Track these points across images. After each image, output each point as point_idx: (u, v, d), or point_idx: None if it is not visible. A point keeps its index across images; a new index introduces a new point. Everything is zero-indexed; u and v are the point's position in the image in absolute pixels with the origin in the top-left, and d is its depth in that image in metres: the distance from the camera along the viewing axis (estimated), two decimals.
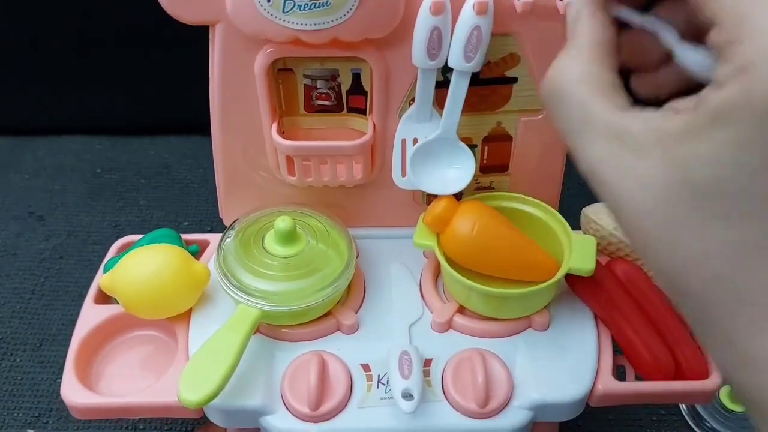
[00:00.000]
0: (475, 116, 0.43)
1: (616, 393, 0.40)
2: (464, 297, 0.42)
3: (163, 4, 0.38)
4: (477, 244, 0.41)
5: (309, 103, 0.43)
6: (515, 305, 0.41)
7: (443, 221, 0.41)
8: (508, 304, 0.41)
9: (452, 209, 0.41)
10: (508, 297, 0.40)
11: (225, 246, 0.42)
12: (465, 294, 0.42)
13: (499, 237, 0.41)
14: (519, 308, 0.42)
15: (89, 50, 0.74)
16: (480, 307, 0.42)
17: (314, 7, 0.37)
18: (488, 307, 0.42)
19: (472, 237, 0.40)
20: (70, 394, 0.39)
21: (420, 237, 0.42)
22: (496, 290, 0.40)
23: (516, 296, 0.40)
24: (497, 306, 0.41)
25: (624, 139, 0.24)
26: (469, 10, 0.37)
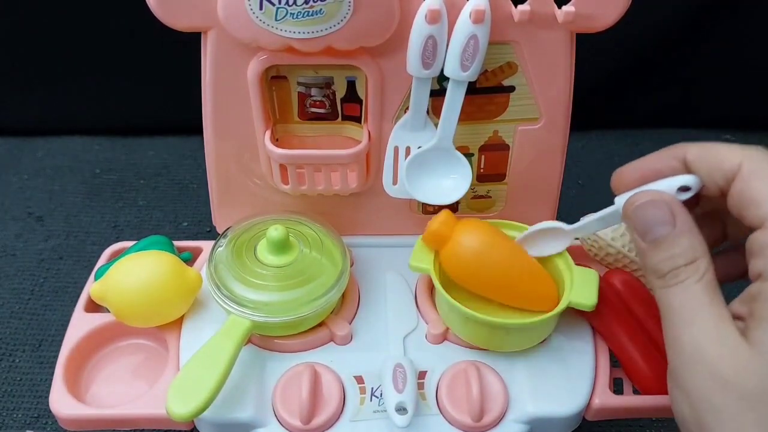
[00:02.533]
0: (472, 125, 0.43)
1: (613, 407, 0.40)
2: (453, 320, 0.41)
3: (154, 11, 0.38)
4: (481, 259, 0.39)
5: (303, 111, 0.43)
6: (509, 338, 0.40)
7: (442, 237, 0.40)
8: (499, 335, 0.40)
9: (451, 224, 0.40)
10: (500, 327, 0.39)
11: (216, 255, 0.41)
12: (456, 319, 0.41)
13: (504, 255, 0.40)
14: (513, 341, 0.40)
15: (89, 50, 0.74)
16: (470, 336, 0.41)
17: (307, 15, 0.36)
18: (478, 335, 0.40)
19: (477, 252, 0.39)
20: (59, 405, 0.39)
21: (416, 260, 0.41)
22: (493, 319, 0.38)
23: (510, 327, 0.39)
24: (488, 336, 0.40)
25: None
26: (466, 19, 0.37)
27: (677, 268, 0.30)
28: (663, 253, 0.31)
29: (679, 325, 0.30)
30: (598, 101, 0.77)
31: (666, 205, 0.31)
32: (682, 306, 0.30)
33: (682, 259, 0.30)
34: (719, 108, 0.80)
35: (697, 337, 0.29)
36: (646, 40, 0.74)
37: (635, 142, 0.81)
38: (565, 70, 0.41)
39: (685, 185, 0.32)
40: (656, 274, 0.31)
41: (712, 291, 0.30)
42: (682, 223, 0.31)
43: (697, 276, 0.30)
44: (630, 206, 0.32)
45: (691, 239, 0.30)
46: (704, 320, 0.29)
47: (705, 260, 0.30)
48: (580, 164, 0.77)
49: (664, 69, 0.77)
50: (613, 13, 0.38)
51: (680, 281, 0.30)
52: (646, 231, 0.31)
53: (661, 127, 0.82)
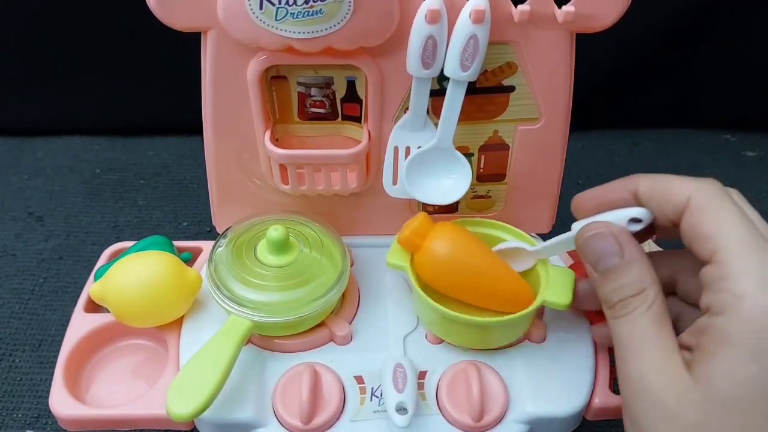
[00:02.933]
0: (472, 125, 0.43)
1: (613, 407, 0.40)
2: (429, 320, 0.41)
3: (154, 10, 0.38)
4: (451, 266, 0.39)
5: (303, 111, 0.43)
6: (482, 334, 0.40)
7: (418, 239, 0.40)
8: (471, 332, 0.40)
9: (427, 227, 0.40)
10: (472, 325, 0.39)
11: (216, 255, 0.41)
12: (431, 318, 0.41)
13: (475, 260, 0.40)
14: (487, 339, 0.40)
15: (89, 50, 0.73)
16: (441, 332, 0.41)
17: (307, 15, 0.36)
18: (448, 331, 0.41)
19: (447, 258, 0.39)
20: (59, 405, 0.39)
21: (393, 257, 0.41)
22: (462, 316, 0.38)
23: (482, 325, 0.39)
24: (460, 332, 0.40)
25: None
26: (466, 19, 0.37)
27: (625, 299, 0.31)
28: (612, 283, 0.31)
29: (626, 357, 0.30)
30: (598, 101, 0.77)
31: (613, 237, 0.32)
32: (629, 337, 0.30)
33: (630, 289, 0.31)
34: (719, 108, 0.80)
35: (643, 368, 0.29)
36: (646, 40, 0.74)
37: (635, 142, 0.81)
38: (565, 70, 0.41)
39: (635, 217, 0.33)
40: (607, 304, 0.32)
41: (659, 321, 0.30)
42: (629, 253, 0.31)
43: (645, 306, 0.30)
44: (580, 237, 0.33)
45: (639, 269, 0.31)
46: (650, 351, 0.30)
47: (653, 290, 0.31)
48: (580, 164, 0.77)
49: (664, 69, 0.77)
50: (613, 13, 0.38)
51: (628, 312, 0.31)
52: (597, 261, 0.32)
53: (661, 127, 0.82)
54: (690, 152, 0.80)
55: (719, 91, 0.78)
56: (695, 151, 0.80)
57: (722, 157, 0.79)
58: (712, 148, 0.80)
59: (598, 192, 0.35)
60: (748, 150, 0.80)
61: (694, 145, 0.81)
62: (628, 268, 0.31)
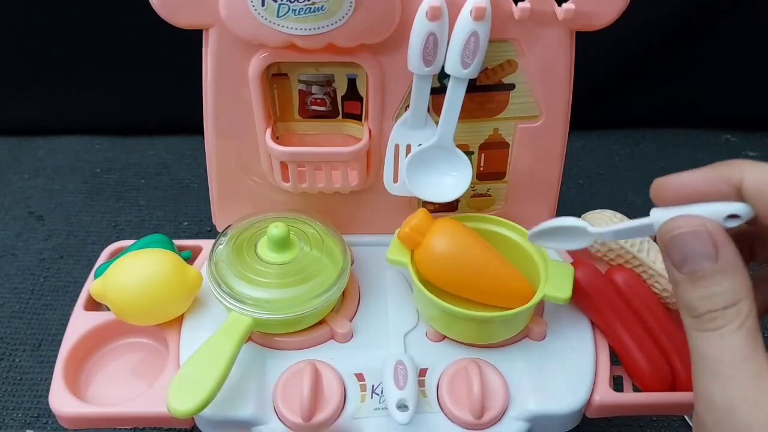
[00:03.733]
0: (472, 123, 0.43)
1: (613, 404, 0.40)
2: (430, 315, 0.41)
3: (156, 8, 0.38)
4: (451, 262, 0.39)
5: (304, 109, 0.43)
6: (483, 329, 0.40)
7: (418, 235, 0.40)
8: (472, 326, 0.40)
9: (428, 224, 0.40)
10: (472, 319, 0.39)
11: (217, 252, 0.41)
12: (432, 313, 0.41)
13: (475, 256, 0.40)
14: (488, 333, 0.40)
15: (89, 50, 0.74)
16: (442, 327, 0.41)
17: (309, 12, 0.36)
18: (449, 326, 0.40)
19: (447, 255, 0.39)
20: (59, 403, 0.39)
21: (393, 253, 0.41)
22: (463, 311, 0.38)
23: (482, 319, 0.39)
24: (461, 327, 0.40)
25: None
26: (467, 16, 0.37)
27: (715, 311, 0.27)
28: (701, 290, 0.27)
29: (711, 378, 0.27)
30: (598, 101, 0.77)
31: (710, 237, 0.27)
32: (717, 357, 0.26)
33: (722, 300, 0.27)
34: (719, 108, 0.80)
35: (732, 395, 0.26)
36: (646, 40, 0.74)
37: (635, 142, 0.81)
38: (565, 68, 0.41)
39: (733, 213, 0.28)
40: (690, 312, 0.28)
41: (752, 341, 0.26)
42: (726, 258, 0.27)
43: (738, 322, 0.26)
44: (668, 232, 0.28)
45: (734, 278, 0.27)
46: (741, 377, 0.26)
47: (747, 303, 0.27)
48: (580, 164, 0.77)
49: (664, 69, 0.77)
50: (613, 11, 0.38)
51: (717, 327, 0.27)
52: (684, 262, 0.28)
53: (661, 127, 0.82)
54: (690, 152, 0.80)
55: (719, 91, 0.78)
56: (695, 151, 0.80)
57: (722, 157, 0.78)
58: (712, 148, 0.81)
59: (690, 179, 0.30)
60: (748, 150, 0.80)
61: (694, 145, 0.81)
62: (723, 274, 0.27)
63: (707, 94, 0.78)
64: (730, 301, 0.27)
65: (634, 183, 0.74)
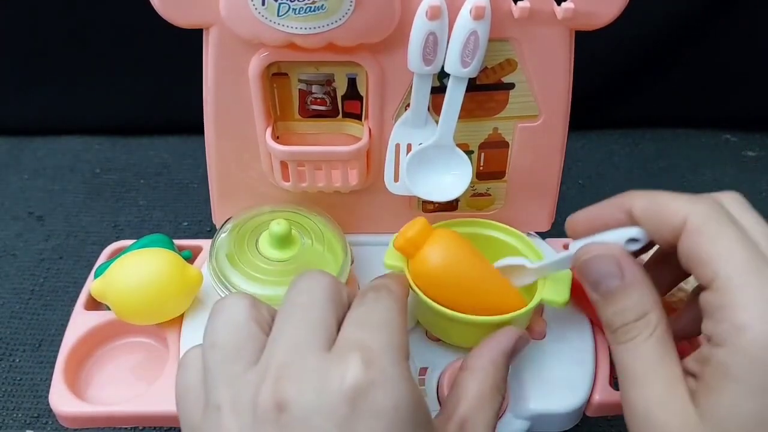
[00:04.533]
0: (472, 122, 0.43)
1: (613, 403, 0.39)
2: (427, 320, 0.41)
3: (156, 6, 0.38)
4: (443, 278, 0.38)
5: (304, 108, 0.43)
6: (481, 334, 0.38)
7: (414, 247, 0.38)
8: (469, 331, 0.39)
9: (424, 236, 0.38)
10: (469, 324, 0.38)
11: (218, 249, 0.42)
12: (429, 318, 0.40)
13: (468, 273, 0.38)
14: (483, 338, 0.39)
15: (88, 50, 0.74)
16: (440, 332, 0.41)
17: (309, 11, 0.36)
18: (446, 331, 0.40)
19: (439, 271, 0.38)
20: (59, 402, 0.38)
21: (390, 258, 0.40)
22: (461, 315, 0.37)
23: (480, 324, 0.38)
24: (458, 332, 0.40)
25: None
26: (466, 15, 0.37)
27: (627, 324, 0.30)
28: (613, 306, 0.31)
29: (630, 387, 0.29)
30: (598, 101, 0.77)
31: (613, 259, 0.31)
32: (632, 365, 0.30)
33: (632, 313, 0.30)
34: (719, 108, 0.80)
35: (646, 400, 0.29)
36: (646, 40, 0.74)
37: (635, 142, 0.81)
38: (565, 68, 0.41)
39: (633, 237, 0.32)
40: (609, 327, 0.31)
41: (662, 348, 0.29)
42: (630, 275, 0.31)
43: (647, 332, 0.29)
44: (578, 259, 0.33)
45: (640, 292, 0.30)
46: (654, 383, 0.29)
47: (655, 313, 0.30)
48: (580, 164, 0.77)
49: (664, 68, 0.77)
50: (613, 11, 0.38)
51: (630, 338, 0.30)
52: (597, 283, 0.31)
53: (661, 127, 0.82)
54: (690, 152, 0.80)
55: (719, 91, 0.78)
56: (695, 151, 0.80)
57: (722, 157, 0.79)
58: (712, 148, 0.81)
59: (592, 212, 0.34)
60: (748, 150, 0.80)
61: (694, 145, 0.81)
62: (629, 290, 0.30)
63: (707, 94, 0.78)
64: (639, 313, 0.30)
65: (634, 183, 0.74)
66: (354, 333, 0.29)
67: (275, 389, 0.26)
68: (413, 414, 0.27)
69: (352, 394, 0.26)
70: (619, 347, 0.30)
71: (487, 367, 0.34)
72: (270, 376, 0.27)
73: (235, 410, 0.27)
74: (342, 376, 0.26)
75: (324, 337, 0.28)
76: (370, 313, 0.30)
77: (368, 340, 0.28)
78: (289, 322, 0.29)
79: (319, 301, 0.30)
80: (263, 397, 0.26)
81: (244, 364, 0.28)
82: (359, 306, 0.31)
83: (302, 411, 0.26)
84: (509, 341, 0.35)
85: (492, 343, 0.35)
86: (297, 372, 0.27)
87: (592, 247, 0.32)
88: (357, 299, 0.31)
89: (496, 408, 0.33)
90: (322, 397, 0.26)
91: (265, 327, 0.30)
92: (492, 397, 0.33)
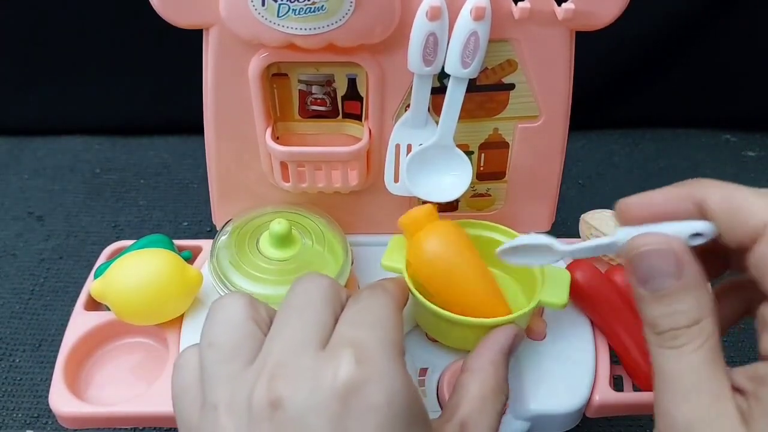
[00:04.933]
0: (472, 123, 0.43)
1: (613, 404, 0.40)
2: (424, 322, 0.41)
3: (156, 7, 0.38)
4: (435, 263, 0.38)
5: (304, 109, 0.43)
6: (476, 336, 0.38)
7: (416, 226, 0.39)
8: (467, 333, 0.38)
9: (430, 217, 0.39)
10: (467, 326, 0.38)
11: (219, 249, 0.42)
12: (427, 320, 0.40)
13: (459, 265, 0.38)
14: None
15: (88, 50, 0.74)
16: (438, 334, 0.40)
17: (309, 12, 0.36)
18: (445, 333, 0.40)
19: (433, 253, 0.38)
20: (59, 403, 0.38)
21: (388, 259, 0.40)
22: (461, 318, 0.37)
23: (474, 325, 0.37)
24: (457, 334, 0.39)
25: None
26: (467, 16, 0.37)
27: (677, 329, 0.27)
28: (664, 308, 0.27)
29: (672, 397, 0.27)
30: (598, 101, 0.77)
31: (673, 255, 0.28)
32: (678, 376, 0.27)
33: (685, 318, 0.27)
34: (719, 108, 0.80)
35: (692, 416, 0.26)
36: (646, 40, 0.74)
37: (635, 142, 0.81)
38: (565, 68, 0.41)
39: (698, 232, 0.28)
40: (653, 329, 0.28)
41: (713, 361, 0.27)
42: (689, 276, 0.27)
43: (699, 341, 0.27)
44: (632, 249, 0.29)
45: (697, 296, 0.27)
46: (701, 397, 0.26)
47: (709, 322, 0.27)
48: (580, 164, 0.77)
49: (664, 68, 0.77)
50: (613, 11, 0.38)
51: (679, 345, 0.27)
52: (648, 279, 0.28)
53: (661, 127, 0.82)
54: (690, 152, 0.80)
55: (719, 91, 0.78)
56: (695, 151, 0.80)
57: (722, 157, 0.79)
58: (712, 148, 0.80)
59: (654, 198, 0.30)
60: (748, 150, 0.80)
61: (694, 145, 0.81)
62: (686, 292, 0.27)
63: (707, 94, 0.78)
64: (692, 319, 0.27)
65: (634, 183, 0.74)
66: (347, 330, 0.29)
67: (270, 387, 0.26)
68: (408, 410, 0.26)
69: (345, 391, 0.26)
70: (664, 352, 0.27)
71: (487, 367, 0.34)
72: (265, 375, 0.27)
73: (231, 409, 0.27)
74: (334, 372, 0.26)
75: (320, 337, 0.28)
76: (364, 311, 0.30)
77: (361, 336, 0.28)
78: (287, 322, 0.29)
79: (317, 302, 0.30)
80: (258, 395, 0.26)
81: (241, 363, 0.28)
82: (354, 304, 0.31)
83: (296, 409, 0.26)
84: (507, 339, 0.35)
85: (490, 343, 0.35)
86: (291, 370, 0.27)
87: (650, 237, 0.28)
88: (352, 298, 0.31)
89: (499, 409, 0.32)
90: (315, 395, 0.26)
91: (263, 326, 0.30)
92: (494, 397, 0.33)
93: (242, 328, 0.29)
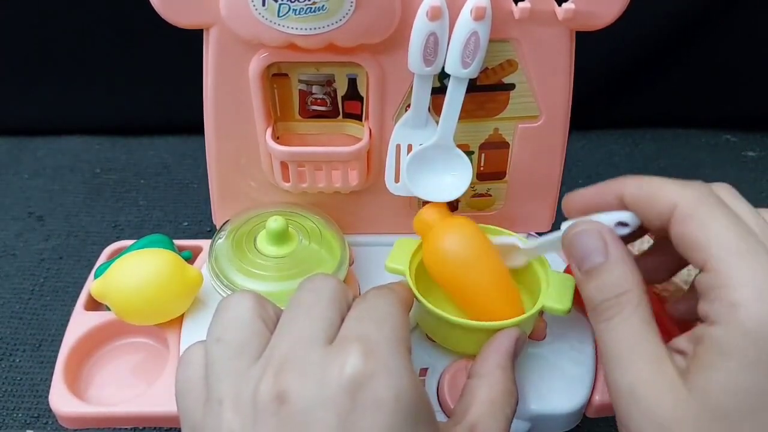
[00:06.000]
0: (472, 123, 0.43)
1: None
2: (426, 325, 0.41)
3: (156, 7, 0.38)
4: (459, 259, 0.38)
5: (304, 109, 0.43)
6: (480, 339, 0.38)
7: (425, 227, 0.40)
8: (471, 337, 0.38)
9: (434, 220, 0.40)
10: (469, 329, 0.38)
11: (217, 247, 0.42)
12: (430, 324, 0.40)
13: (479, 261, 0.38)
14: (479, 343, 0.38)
15: (88, 50, 0.74)
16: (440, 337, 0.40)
17: (310, 12, 0.36)
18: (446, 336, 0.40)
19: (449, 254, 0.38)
20: (59, 403, 0.38)
21: (392, 261, 0.40)
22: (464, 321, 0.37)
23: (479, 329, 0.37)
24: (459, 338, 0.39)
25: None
26: (467, 16, 0.37)
27: (608, 300, 0.30)
28: (595, 281, 0.31)
29: (614, 366, 0.29)
30: (598, 101, 0.77)
31: (599, 235, 0.31)
32: (615, 345, 0.29)
33: (613, 289, 0.30)
34: (719, 108, 0.80)
35: (633, 380, 0.28)
36: (646, 40, 0.74)
37: (635, 142, 0.81)
38: (565, 68, 0.41)
39: (622, 221, 0.32)
40: (590, 305, 0.31)
41: (645, 326, 0.29)
42: (615, 253, 0.31)
43: (629, 310, 0.29)
44: (567, 234, 0.33)
45: (623, 270, 0.30)
46: (639, 361, 0.28)
47: (637, 291, 0.30)
48: (580, 164, 0.77)
49: (665, 68, 0.77)
50: (613, 11, 0.38)
51: (612, 316, 0.30)
52: (582, 259, 0.32)
53: (661, 127, 0.82)
54: (690, 152, 0.80)
55: (719, 91, 0.78)
56: (695, 151, 0.80)
57: (722, 157, 0.79)
58: (712, 148, 0.80)
59: (587, 193, 0.35)
60: (748, 150, 0.80)
61: (694, 145, 0.81)
62: (612, 267, 0.30)
63: (707, 94, 0.78)
64: (620, 289, 0.30)
65: None
66: (355, 326, 0.29)
67: (276, 381, 0.26)
68: (415, 407, 0.27)
69: (352, 385, 0.26)
70: (600, 326, 0.30)
71: (495, 371, 0.34)
72: (272, 369, 0.27)
73: (236, 404, 0.27)
74: (341, 367, 0.26)
75: (327, 333, 0.28)
76: (371, 309, 0.30)
77: (368, 332, 0.28)
78: (294, 319, 0.30)
79: (325, 300, 0.30)
80: (264, 389, 0.26)
81: (248, 359, 0.28)
82: (361, 303, 0.31)
83: (303, 402, 0.26)
84: (511, 342, 0.35)
85: (495, 347, 0.35)
86: (298, 365, 0.27)
87: (581, 223, 0.33)
88: (359, 298, 0.32)
89: (508, 413, 0.33)
90: (322, 389, 0.26)
91: (270, 325, 0.30)
92: (504, 401, 0.33)
93: (250, 325, 0.29)
